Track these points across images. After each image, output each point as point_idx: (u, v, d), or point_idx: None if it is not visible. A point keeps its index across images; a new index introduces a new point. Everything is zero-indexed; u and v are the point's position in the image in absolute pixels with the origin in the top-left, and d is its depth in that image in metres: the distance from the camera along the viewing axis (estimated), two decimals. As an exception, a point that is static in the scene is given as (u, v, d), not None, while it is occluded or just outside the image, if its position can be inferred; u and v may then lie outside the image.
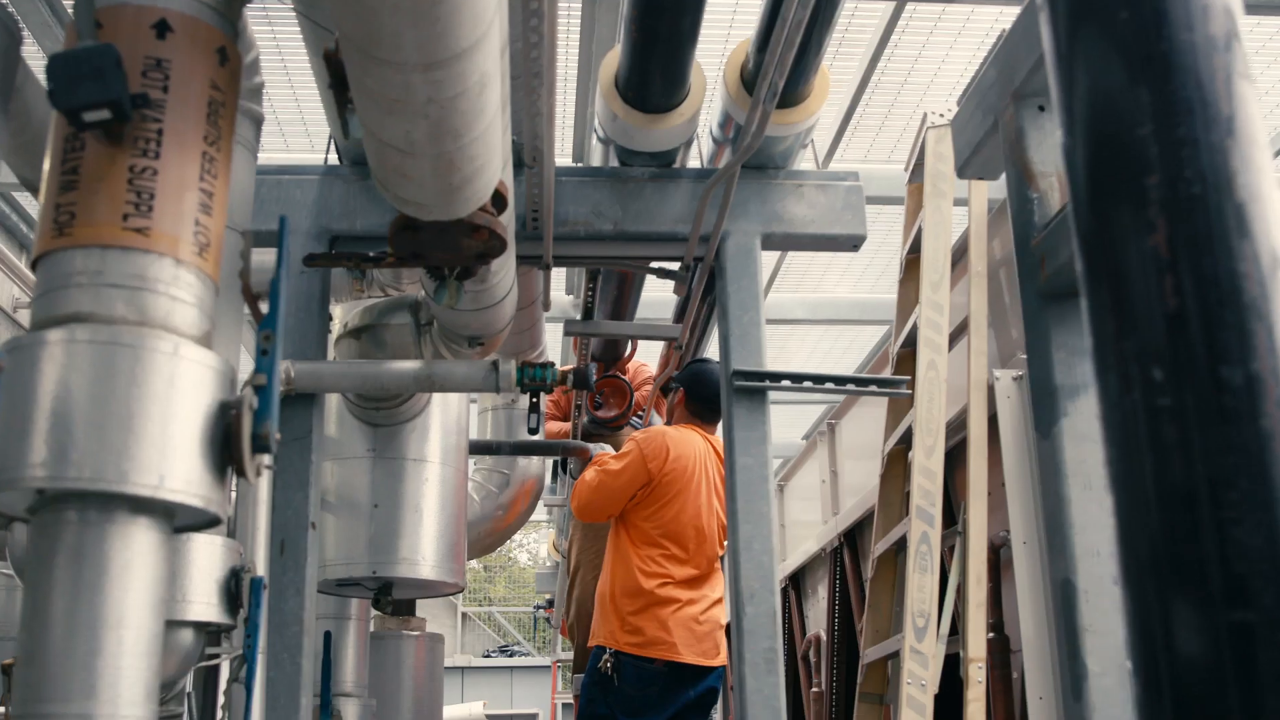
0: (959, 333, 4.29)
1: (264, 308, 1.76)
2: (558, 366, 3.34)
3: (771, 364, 4.89)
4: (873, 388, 3.47)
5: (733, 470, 3.39)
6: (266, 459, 1.57)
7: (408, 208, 2.18)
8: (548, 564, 13.43)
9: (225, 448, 1.61)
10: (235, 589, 2.68)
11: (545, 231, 3.37)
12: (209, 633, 2.98)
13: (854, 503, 6.25)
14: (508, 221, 2.50)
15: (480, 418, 5.37)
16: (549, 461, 6.64)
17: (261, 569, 3.05)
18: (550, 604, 12.59)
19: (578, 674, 5.60)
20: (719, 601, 4.68)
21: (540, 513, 18.26)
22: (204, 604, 2.63)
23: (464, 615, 22.20)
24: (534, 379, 3.31)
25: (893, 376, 3.52)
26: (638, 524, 4.62)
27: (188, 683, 3.10)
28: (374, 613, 5.46)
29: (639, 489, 4.57)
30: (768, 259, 8.19)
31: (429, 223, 2.32)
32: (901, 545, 4.30)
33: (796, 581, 7.87)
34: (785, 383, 3.43)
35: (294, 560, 3.21)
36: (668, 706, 4.52)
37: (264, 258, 3.39)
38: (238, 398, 1.63)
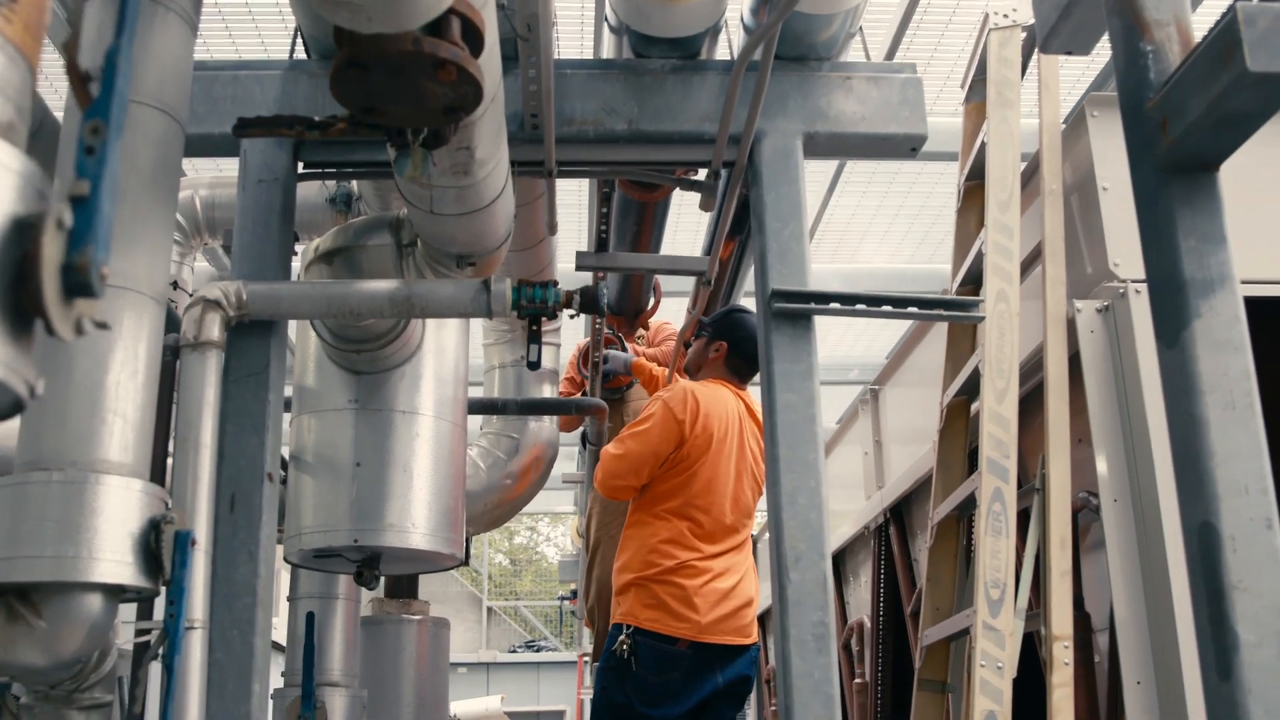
0: (1030, 263, 3.72)
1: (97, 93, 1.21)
2: (561, 288, 2.80)
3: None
4: (939, 311, 2.90)
5: (772, 411, 2.83)
6: (93, 309, 1.06)
7: (339, 13, 1.63)
8: (571, 551, 12.89)
9: (19, 285, 1.06)
10: (155, 545, 2.14)
11: (546, 128, 2.82)
12: (138, 602, 2.45)
13: (902, 473, 5.67)
14: (486, 67, 1.95)
15: (486, 376, 4.83)
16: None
17: (204, 530, 2.51)
18: (575, 594, 12.05)
19: (598, 662, 5.05)
20: (751, 572, 4.12)
21: (566, 503, 17.73)
22: (114, 562, 2.10)
23: (489, 610, 21.70)
24: (533, 300, 2.77)
25: (963, 298, 2.95)
26: (664, 492, 4.06)
27: (118, 664, 2.57)
28: (372, 595, 4.94)
29: (671, 451, 4.01)
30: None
31: (379, 61, 1.78)
32: (965, 508, 3.72)
33: (835, 566, 7.29)
34: (834, 305, 2.87)
35: (246, 519, 2.68)
36: (692, 695, 3.96)
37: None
38: (40, 211, 1.08)
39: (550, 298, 2.78)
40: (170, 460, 2.67)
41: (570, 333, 5.87)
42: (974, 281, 3.84)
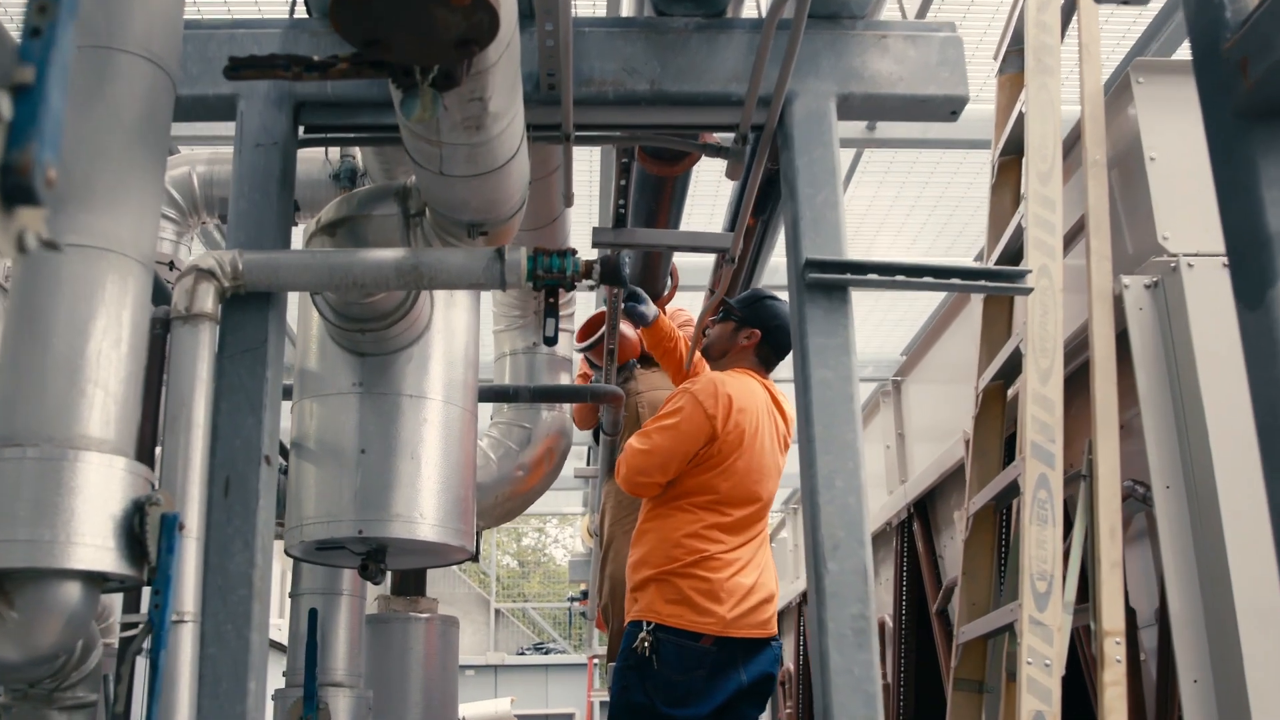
0: (1070, 238, 3.52)
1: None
2: (580, 258, 2.61)
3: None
4: (984, 281, 2.70)
5: (806, 388, 2.64)
6: (38, 222, 0.87)
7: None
8: (581, 552, 12.68)
9: (-54, 186, 0.88)
10: (140, 529, 1.95)
11: (563, 88, 2.63)
12: (124, 592, 2.26)
13: (926, 467, 5.48)
14: (503, 1, 1.76)
15: (497, 364, 4.63)
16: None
17: (196, 516, 2.32)
18: (584, 595, 11.84)
19: (613, 662, 4.84)
20: (771, 565, 3.93)
21: (575, 504, 17.52)
22: (94, 547, 1.91)
23: (497, 612, 21.51)
24: (550, 270, 2.58)
25: (1009, 268, 2.75)
26: (690, 487, 3.85)
27: (103, 660, 2.38)
28: (379, 592, 4.75)
29: (700, 449, 3.80)
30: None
31: (385, -17, 1.59)
32: (1004, 498, 3.53)
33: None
34: (872, 276, 2.68)
35: (241, 504, 2.49)
36: (716, 694, 3.76)
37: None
38: (-28, 99, 0.90)
39: (569, 267, 2.58)
40: (160, 442, 2.48)
41: (583, 298, 5.66)
42: (1012, 259, 3.65)
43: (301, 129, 2.87)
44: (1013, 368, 3.55)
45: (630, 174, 3.32)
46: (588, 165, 7.36)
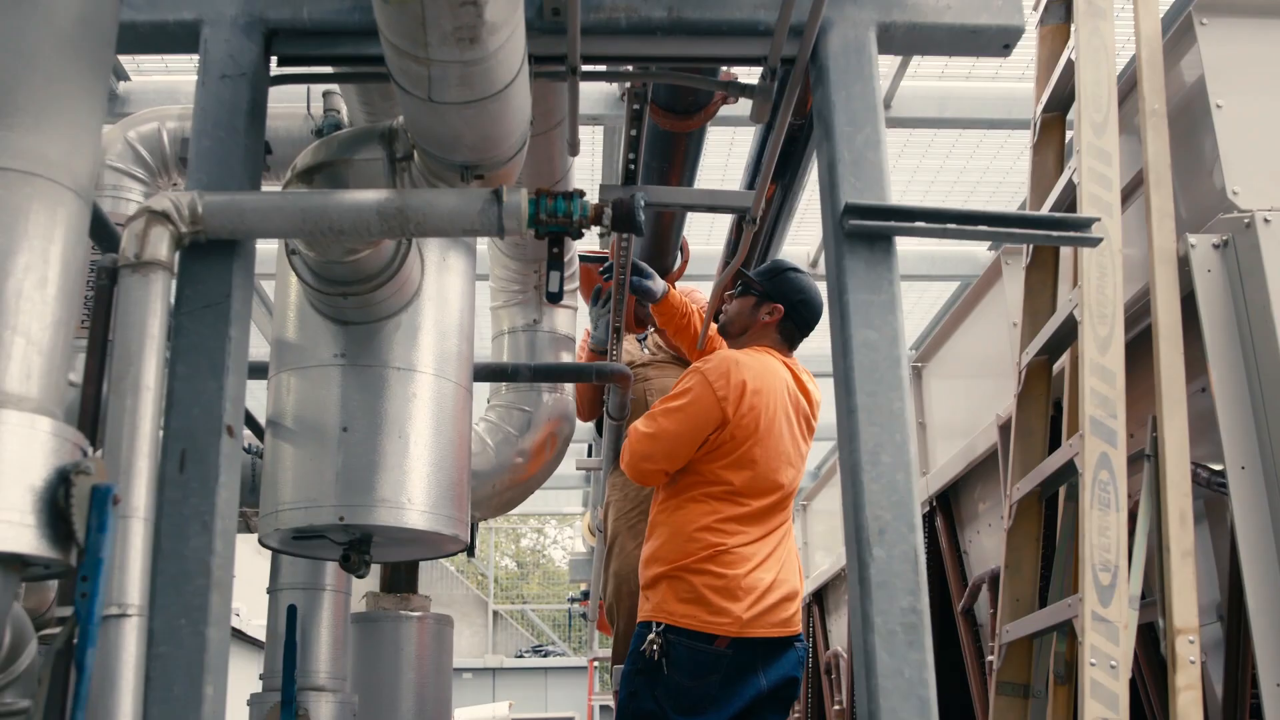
0: (1127, 195, 3.20)
1: None
2: (589, 200, 2.29)
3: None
4: (1046, 231, 2.38)
5: (847, 351, 2.31)
6: None
7: None
8: (582, 551, 12.34)
9: None
10: (65, 502, 1.63)
11: (570, 12, 2.30)
12: (57, 580, 1.93)
13: (951, 457, 5.15)
14: None
15: (495, 343, 4.30)
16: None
17: (145, 493, 2.00)
18: (585, 596, 11.51)
19: (618, 665, 4.51)
20: (794, 558, 3.60)
21: (575, 504, 17.18)
22: (8, 524, 1.57)
23: (495, 614, 21.17)
24: (554, 214, 2.26)
25: (1075, 215, 2.43)
26: (703, 476, 3.53)
27: (36, 660, 2.05)
28: (367, 588, 4.42)
29: (710, 434, 3.48)
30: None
31: None
32: (1053, 483, 3.20)
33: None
34: (919, 224, 2.35)
35: (199, 481, 2.17)
36: (733, 701, 3.43)
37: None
38: None
39: (576, 210, 2.26)
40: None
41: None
42: (1057, 222, 3.32)
43: (275, 61, 2.54)
44: (1061, 340, 3.23)
45: (642, 122, 2.99)
46: (590, 146, 7.06)
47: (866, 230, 2.34)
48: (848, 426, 2.28)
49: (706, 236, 7.80)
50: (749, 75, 2.70)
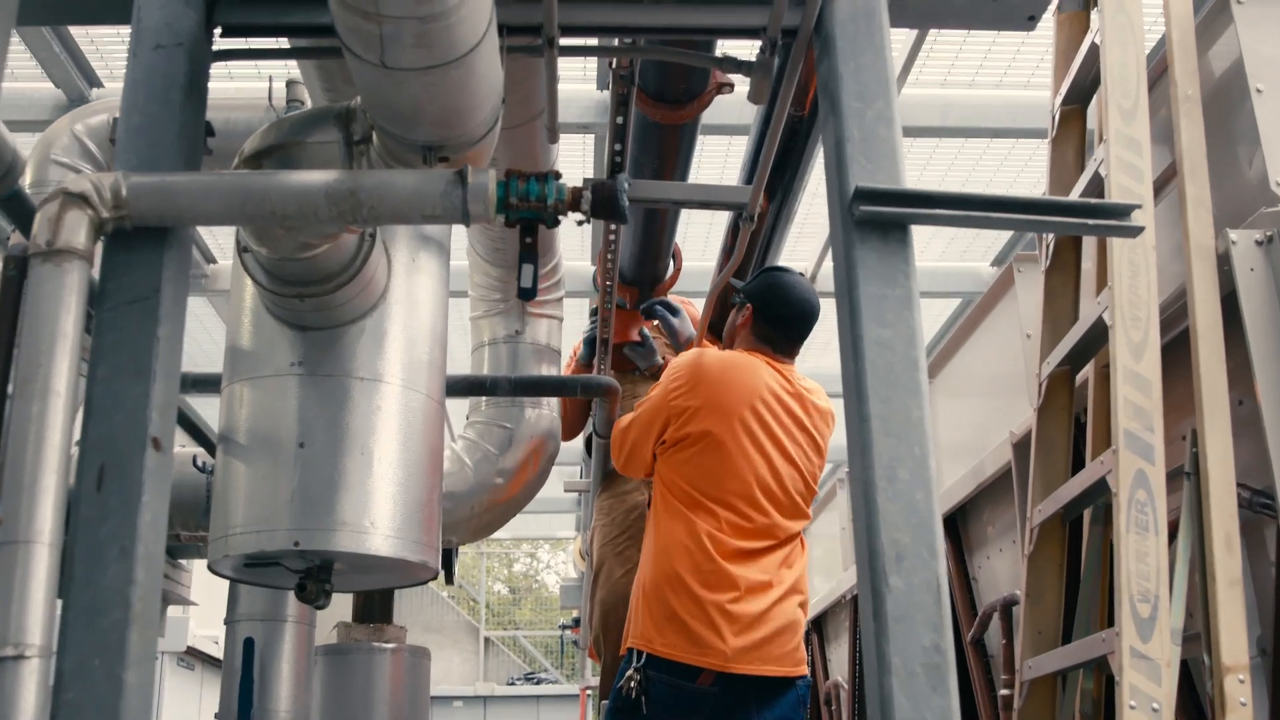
0: (1159, 188, 2.95)
1: None
2: (566, 183, 2.03)
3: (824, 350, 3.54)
4: (1082, 219, 2.11)
5: (858, 353, 2.04)
6: None
7: None
8: (574, 576, 12.04)
9: None
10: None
11: (546, -26, 2.04)
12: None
13: (959, 478, 4.88)
14: None
15: (475, 356, 4.04)
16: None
17: (51, 513, 1.73)
18: (577, 622, 11.21)
19: (604, 700, 4.23)
20: (798, 590, 3.32)
21: (568, 528, 16.86)
22: None
23: (487, 640, 20.78)
24: (527, 198, 2.00)
25: (1113, 202, 2.16)
26: (673, 480, 3.32)
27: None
28: (338, 618, 4.13)
29: (662, 425, 3.34)
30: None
31: None
32: (1078, 504, 2.93)
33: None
34: (939, 210, 2.09)
35: (120, 500, 1.89)
36: None
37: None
38: None
39: (550, 194, 2.00)
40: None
41: (573, 309, 5.07)
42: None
43: (219, 33, 2.28)
44: (1086, 347, 2.97)
45: (629, 108, 2.74)
46: (581, 156, 6.82)
47: (879, 218, 2.07)
48: (860, 437, 2.01)
49: (701, 252, 7.57)
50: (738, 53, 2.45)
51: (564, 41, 2.26)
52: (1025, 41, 6.05)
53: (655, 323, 4.25)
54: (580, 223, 2.07)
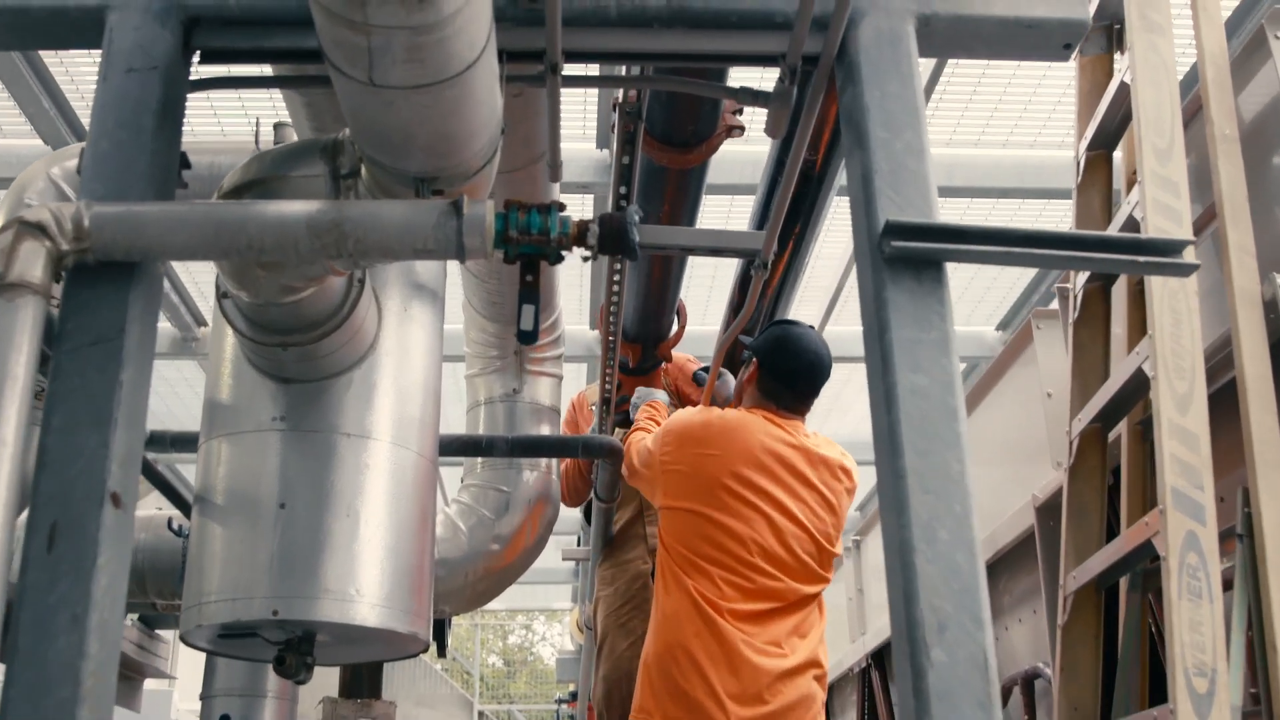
0: (1197, 231, 2.79)
1: None
2: (572, 217, 1.87)
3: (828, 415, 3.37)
4: (1129, 256, 1.94)
5: (891, 402, 1.86)
6: None
7: None
8: (570, 649, 11.74)
9: None
10: None
11: (550, 1, 1.89)
12: None
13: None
14: None
15: (470, 415, 3.85)
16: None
17: (-4, 575, 1.54)
18: (573, 696, 10.89)
19: (608, 783, 4.00)
20: (814, 663, 3.10)
21: (564, 599, 16.52)
22: None
23: (481, 715, 20.35)
24: (528, 232, 1.83)
25: (1163, 238, 1.99)
26: (673, 544, 3.16)
27: None
28: (323, 693, 3.91)
29: (660, 489, 3.24)
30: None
31: None
32: (1115, 572, 2.74)
33: (867, 671, 6.69)
34: (975, 246, 1.92)
35: (72, 562, 1.69)
36: None
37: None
38: None
39: (554, 227, 1.83)
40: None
41: (571, 373, 4.89)
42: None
43: (197, 58, 2.13)
44: (1121, 402, 2.79)
45: (635, 147, 2.58)
46: (580, 211, 6.70)
47: (911, 254, 1.90)
48: (894, 495, 1.83)
49: (702, 315, 7.41)
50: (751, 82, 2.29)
51: (568, 70, 2.10)
52: (1033, 98, 5.96)
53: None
54: (586, 258, 1.90)
